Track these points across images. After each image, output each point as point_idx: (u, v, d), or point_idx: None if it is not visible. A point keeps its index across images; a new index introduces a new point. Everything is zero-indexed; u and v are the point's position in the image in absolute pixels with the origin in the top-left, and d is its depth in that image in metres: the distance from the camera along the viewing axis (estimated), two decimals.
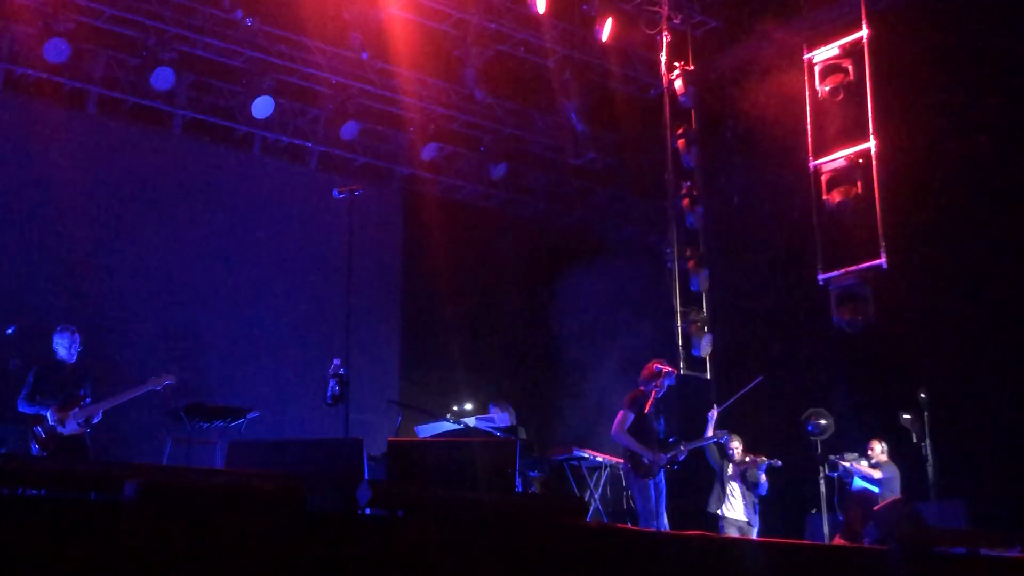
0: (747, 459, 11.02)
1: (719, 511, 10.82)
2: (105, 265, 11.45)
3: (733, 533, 10.51)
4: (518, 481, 10.05)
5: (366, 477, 6.32)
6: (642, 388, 9.42)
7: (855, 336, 12.48)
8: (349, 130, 12.88)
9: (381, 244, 13.37)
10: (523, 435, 10.73)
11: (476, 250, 14.18)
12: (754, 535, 10.55)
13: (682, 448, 9.55)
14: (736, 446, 11.04)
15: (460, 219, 14.25)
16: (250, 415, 9.54)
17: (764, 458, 10.95)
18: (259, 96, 12.15)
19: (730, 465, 10.97)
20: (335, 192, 8.68)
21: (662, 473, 9.31)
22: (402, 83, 13.35)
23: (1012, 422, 9.86)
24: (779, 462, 11.02)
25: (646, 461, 9.19)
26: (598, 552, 5.26)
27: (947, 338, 11.91)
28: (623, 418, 9.31)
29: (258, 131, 12.85)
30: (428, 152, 13.57)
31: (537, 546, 5.06)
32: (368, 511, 5.21)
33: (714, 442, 10.69)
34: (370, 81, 13.03)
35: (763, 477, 10.93)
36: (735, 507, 10.86)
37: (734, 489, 10.90)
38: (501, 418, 10.40)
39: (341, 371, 7.96)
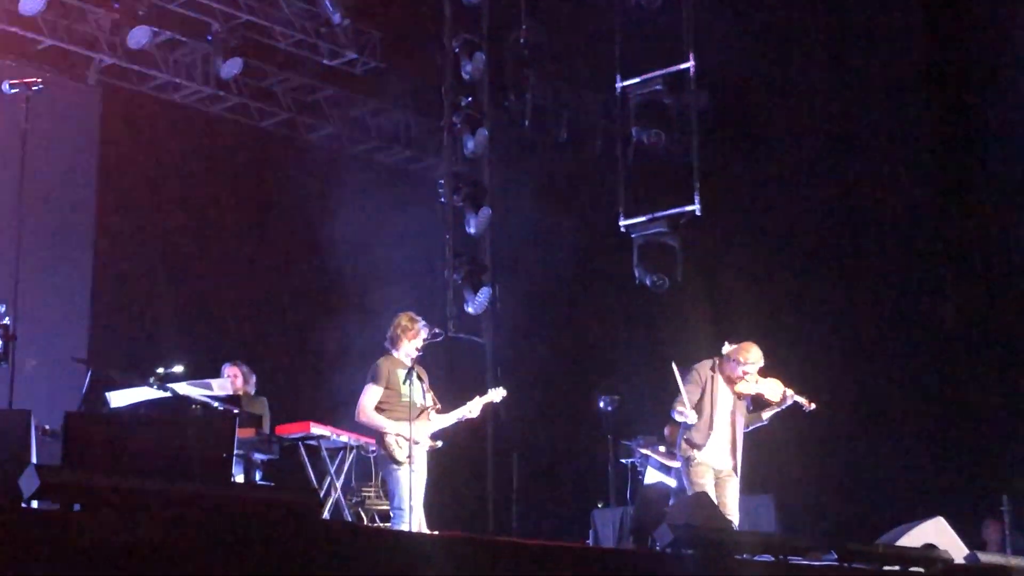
0: (757, 383, 9.42)
1: (694, 454, 9.45)
2: None
3: (709, 483, 9.42)
4: (237, 467, 9.99)
5: (34, 460, 6.09)
6: (393, 353, 9.42)
7: (659, 294, 12.95)
8: (32, 3, 12.25)
9: (69, 154, 12.86)
10: (262, 409, 10.62)
11: (198, 168, 13.85)
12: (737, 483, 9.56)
13: (446, 420, 9.52)
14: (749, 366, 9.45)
15: (178, 127, 13.86)
16: None
17: (796, 395, 9.45)
18: None
19: (721, 387, 9.53)
20: (5, 86, 8.24)
21: (423, 456, 9.33)
22: None
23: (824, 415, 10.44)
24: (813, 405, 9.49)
25: (399, 444, 9.19)
26: (334, 557, 5.25)
27: (762, 298, 12.51)
28: (369, 393, 9.28)
29: None
30: (137, 38, 13.08)
31: (256, 549, 5.01)
32: (35, 504, 5.04)
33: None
34: None
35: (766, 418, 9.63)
36: (719, 449, 9.47)
37: (723, 423, 9.48)
38: (222, 385, 10.24)
39: (5, 321, 7.62)
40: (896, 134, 13.02)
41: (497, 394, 9.93)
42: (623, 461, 12.34)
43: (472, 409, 9.71)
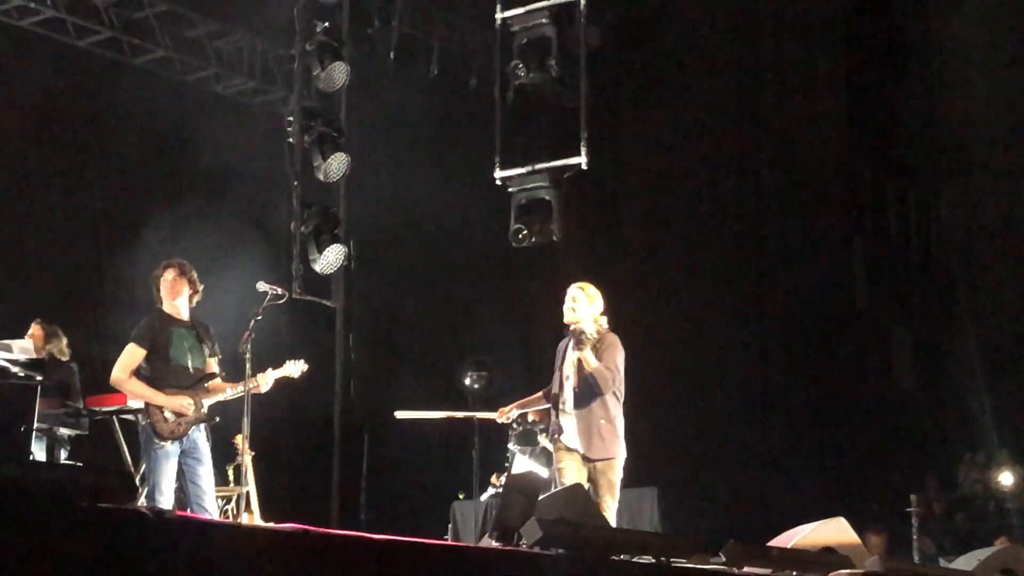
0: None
1: (557, 437, 9.60)
2: None
3: (573, 470, 9.52)
4: (38, 443, 9.83)
5: None
6: (160, 308, 9.34)
7: (537, 260, 13.04)
8: None
9: None
10: (71, 377, 10.46)
11: (2, 94, 13.57)
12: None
13: (229, 393, 9.37)
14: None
15: None
16: None
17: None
18: None
19: (570, 353, 9.54)
20: None
21: (200, 434, 9.17)
22: None
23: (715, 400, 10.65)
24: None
25: (166, 417, 9.05)
26: (145, 550, 5.22)
27: (652, 267, 12.65)
28: (125, 355, 9.15)
29: None
30: None
31: (55, 539, 4.96)
32: None
33: None
34: None
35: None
36: (570, 429, 9.58)
37: (568, 397, 9.61)
38: (23, 347, 10.11)
39: None
40: (812, 85, 13.22)
41: (295, 368, 9.75)
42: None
43: (262, 383, 9.51)
